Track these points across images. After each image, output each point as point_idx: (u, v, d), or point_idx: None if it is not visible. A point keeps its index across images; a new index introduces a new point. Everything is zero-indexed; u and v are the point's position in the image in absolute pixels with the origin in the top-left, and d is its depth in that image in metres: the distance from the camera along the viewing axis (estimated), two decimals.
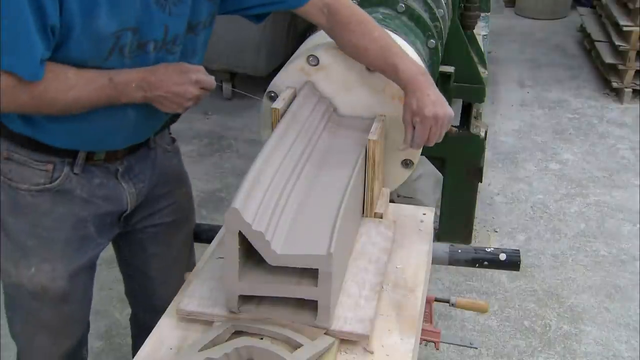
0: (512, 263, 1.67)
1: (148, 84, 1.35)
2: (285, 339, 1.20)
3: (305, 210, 1.33)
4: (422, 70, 1.51)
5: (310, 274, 1.19)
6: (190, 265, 1.75)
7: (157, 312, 1.37)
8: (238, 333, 1.23)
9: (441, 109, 1.45)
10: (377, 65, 1.53)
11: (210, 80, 1.42)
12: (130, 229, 1.69)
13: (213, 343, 1.20)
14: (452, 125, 2.95)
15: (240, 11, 1.55)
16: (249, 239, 1.17)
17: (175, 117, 1.64)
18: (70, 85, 1.30)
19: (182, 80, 1.37)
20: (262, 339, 1.20)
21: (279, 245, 1.20)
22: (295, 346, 1.19)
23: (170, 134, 1.73)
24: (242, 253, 1.20)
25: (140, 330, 1.79)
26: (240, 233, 1.17)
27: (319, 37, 1.75)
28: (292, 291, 1.21)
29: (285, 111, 1.53)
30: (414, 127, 1.48)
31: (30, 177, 1.46)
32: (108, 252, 1.75)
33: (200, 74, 1.40)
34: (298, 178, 1.39)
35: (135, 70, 1.35)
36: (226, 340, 1.21)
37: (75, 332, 1.69)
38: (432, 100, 1.45)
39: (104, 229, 1.59)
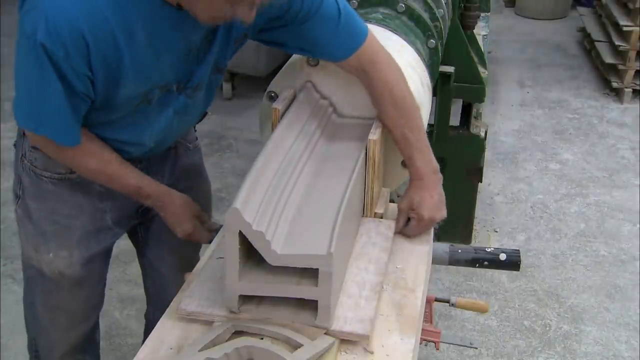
0: (512, 263, 1.67)
1: (161, 205, 1.55)
2: (285, 339, 1.20)
3: (305, 210, 1.33)
4: (435, 168, 1.56)
5: (310, 273, 1.19)
6: (193, 264, 1.76)
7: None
8: (238, 333, 1.23)
9: (439, 214, 1.55)
10: (396, 145, 1.55)
11: (203, 236, 1.61)
12: (149, 220, 1.73)
13: (213, 343, 1.19)
14: (451, 126, 3.00)
15: (277, 45, 1.55)
16: (249, 239, 1.17)
17: (202, 117, 1.69)
18: (104, 170, 1.45)
19: (185, 217, 1.57)
20: (262, 339, 1.20)
21: (279, 245, 1.20)
22: (296, 346, 1.19)
23: (195, 131, 1.78)
24: (242, 253, 1.20)
25: (151, 327, 1.81)
26: (240, 233, 1.17)
27: None
28: (292, 291, 1.21)
29: (285, 111, 1.53)
30: (408, 218, 1.55)
31: (52, 166, 1.52)
32: None
33: (196, 230, 1.59)
34: (298, 178, 1.39)
35: (161, 189, 1.55)
36: (226, 341, 1.21)
37: (91, 315, 1.77)
38: (434, 203, 1.53)
39: (122, 219, 1.65)
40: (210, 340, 1.20)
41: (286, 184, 1.35)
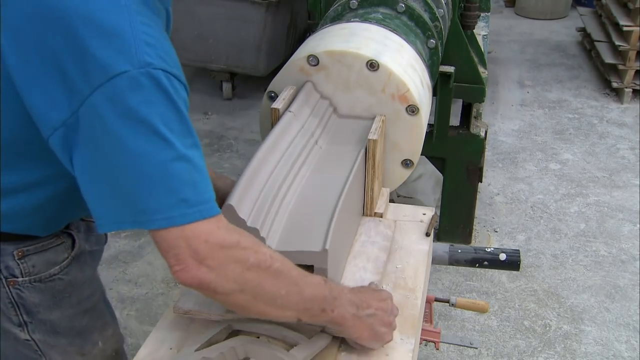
0: (512, 263, 1.67)
1: (360, 300, 1.19)
2: (281, 337, 1.20)
3: (301, 208, 1.33)
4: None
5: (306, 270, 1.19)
6: None
7: None
8: (235, 332, 1.23)
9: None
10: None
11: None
12: None
13: (209, 342, 1.19)
14: (451, 126, 3.00)
15: None
16: None
17: None
18: (292, 274, 1.10)
19: (382, 296, 1.24)
20: (258, 337, 1.20)
21: (275, 241, 1.20)
22: (292, 344, 1.19)
23: None
24: None
25: None
26: None
27: (319, 37, 1.75)
28: None
29: (285, 111, 1.53)
30: None
31: (54, 257, 1.31)
32: (108, 252, 1.75)
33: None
34: (296, 176, 1.40)
35: (341, 285, 1.24)
36: (223, 340, 1.21)
37: None
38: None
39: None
40: (206, 340, 1.19)
41: (283, 182, 1.35)
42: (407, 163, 1.67)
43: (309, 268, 1.18)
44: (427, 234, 1.56)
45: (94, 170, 0.99)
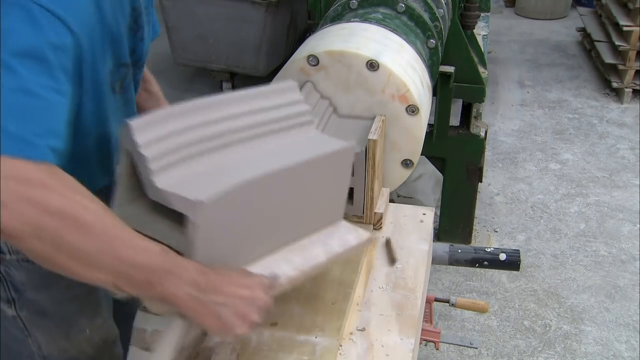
0: (512, 263, 1.67)
1: (207, 280, 1.01)
2: None
3: (229, 166, 1.14)
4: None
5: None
6: None
7: None
8: None
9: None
10: None
11: (278, 285, 1.14)
12: None
13: None
14: (451, 126, 3.01)
15: None
16: (135, 161, 1.06)
17: None
18: (110, 231, 0.97)
19: (245, 282, 1.06)
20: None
21: (166, 181, 1.05)
22: None
23: None
24: (135, 180, 1.09)
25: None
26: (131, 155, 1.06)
27: (319, 37, 1.75)
28: (163, 234, 1.07)
29: None
30: None
31: None
32: None
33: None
34: (251, 141, 1.23)
35: (190, 261, 1.04)
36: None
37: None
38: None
39: None
40: None
41: (229, 134, 1.18)
42: (407, 163, 1.67)
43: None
44: (394, 261, 1.48)
45: None
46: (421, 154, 1.72)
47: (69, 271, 0.96)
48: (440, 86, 2.77)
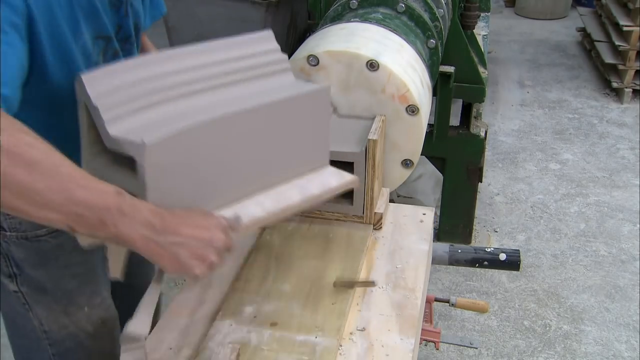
0: (512, 263, 1.67)
1: (162, 221, 1.00)
2: None
3: (190, 112, 1.12)
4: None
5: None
6: None
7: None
8: None
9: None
10: None
11: (240, 226, 1.10)
12: None
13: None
14: (451, 126, 3.01)
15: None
16: (91, 113, 1.07)
17: None
18: (60, 170, 0.95)
19: (201, 223, 1.04)
20: None
21: (120, 128, 1.05)
22: None
23: None
24: (96, 134, 1.09)
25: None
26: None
27: (319, 37, 1.75)
28: (122, 182, 1.04)
29: None
30: None
31: None
32: None
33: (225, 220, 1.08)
34: (219, 90, 1.22)
35: (146, 203, 1.02)
36: None
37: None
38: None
39: None
40: None
41: (194, 87, 1.18)
42: (407, 163, 1.67)
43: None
44: (374, 283, 1.42)
45: None
46: (421, 154, 1.72)
47: (21, 211, 0.94)
48: (440, 86, 2.77)
